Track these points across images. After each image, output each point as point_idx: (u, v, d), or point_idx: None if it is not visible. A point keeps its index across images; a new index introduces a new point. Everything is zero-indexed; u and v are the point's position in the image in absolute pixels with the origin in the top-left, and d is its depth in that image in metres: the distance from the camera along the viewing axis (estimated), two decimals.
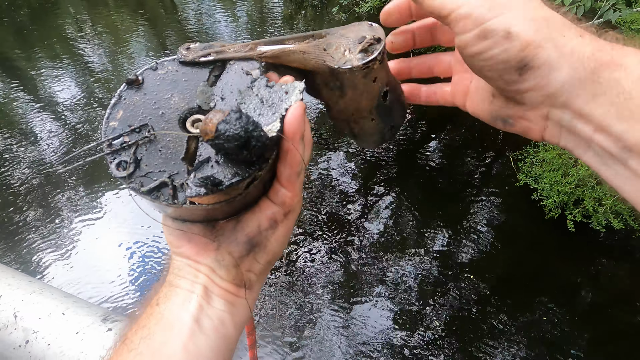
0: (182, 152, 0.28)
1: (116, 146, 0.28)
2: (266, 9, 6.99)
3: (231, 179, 0.26)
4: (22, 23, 6.43)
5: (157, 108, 0.29)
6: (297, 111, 0.27)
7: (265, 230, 0.30)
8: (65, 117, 4.19)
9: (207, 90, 0.30)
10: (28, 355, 0.83)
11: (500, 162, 3.47)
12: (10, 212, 3.06)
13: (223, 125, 0.24)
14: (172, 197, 0.27)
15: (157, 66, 0.31)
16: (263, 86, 0.29)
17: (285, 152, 0.28)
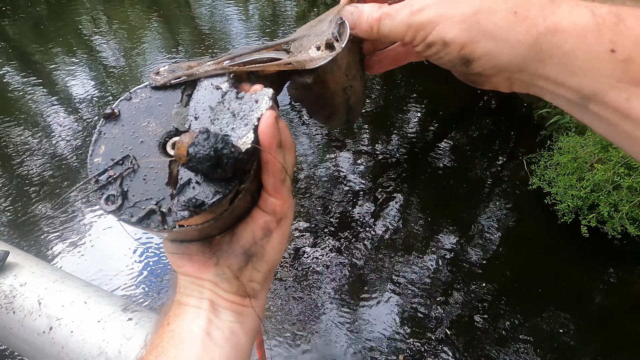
0: (165, 177, 0.28)
1: (102, 181, 0.28)
2: (278, 6, 7.00)
3: (212, 198, 0.26)
4: (39, 18, 6.53)
5: (137, 137, 0.29)
6: (268, 120, 0.27)
7: (260, 239, 0.31)
8: (79, 111, 4.26)
9: (181, 112, 0.30)
10: (52, 341, 0.85)
11: (512, 165, 3.43)
12: (24, 202, 3.12)
13: (192, 148, 0.24)
14: (161, 223, 0.27)
15: (130, 96, 0.31)
16: (233, 99, 0.29)
17: (266, 161, 0.28)
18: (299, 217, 3.00)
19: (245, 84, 0.32)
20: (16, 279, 0.95)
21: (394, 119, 4.05)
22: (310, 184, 3.27)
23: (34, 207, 3.11)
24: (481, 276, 2.61)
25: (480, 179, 3.38)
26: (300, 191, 3.18)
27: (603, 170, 2.36)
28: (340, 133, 3.79)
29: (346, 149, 3.63)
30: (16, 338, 0.87)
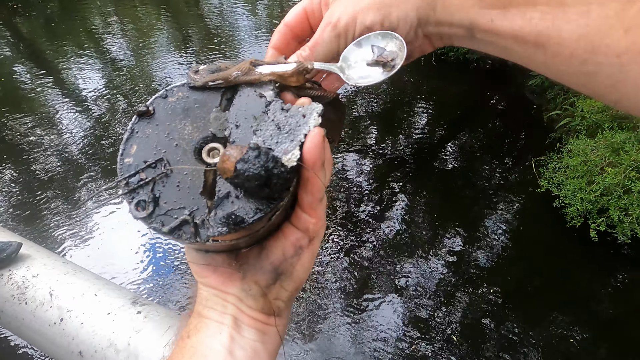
0: (200, 186, 0.26)
1: (133, 184, 0.27)
2: (287, 4, 7.02)
3: (253, 216, 0.25)
4: (50, 16, 6.61)
5: (171, 139, 0.28)
6: (316, 138, 0.26)
7: (290, 257, 0.30)
8: (89, 107, 4.30)
9: (220, 116, 0.28)
10: (62, 332, 0.86)
11: (520, 167, 3.40)
12: (34, 196, 3.16)
13: (241, 164, 0.23)
14: (194, 235, 0.26)
15: (167, 94, 0.30)
16: (278, 110, 0.28)
17: (306, 179, 0.28)
18: None
19: (287, 92, 0.30)
20: (28, 270, 0.97)
21: (401, 119, 4.04)
22: None
23: (44, 201, 3.15)
24: (487, 279, 2.59)
25: (487, 180, 3.35)
26: None
27: (614, 173, 2.33)
28: (346, 133, 3.79)
29: (352, 149, 3.63)
30: (28, 328, 0.89)
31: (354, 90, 4.43)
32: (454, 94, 4.44)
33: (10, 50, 5.49)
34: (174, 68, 4.96)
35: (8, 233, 1.08)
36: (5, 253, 0.96)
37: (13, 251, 0.97)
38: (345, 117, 0.40)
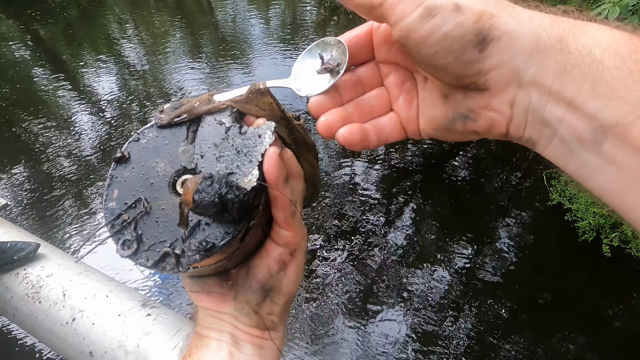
0: (177, 218, 0.28)
1: (118, 226, 0.28)
2: (299, 14, 7.11)
3: (222, 240, 0.26)
4: (69, 22, 6.80)
5: (147, 179, 0.29)
6: (272, 157, 0.27)
7: (275, 273, 0.31)
8: (103, 111, 4.40)
9: (188, 149, 0.30)
10: (74, 332, 0.88)
11: (531, 179, 3.36)
12: (47, 196, 3.22)
13: (197, 195, 0.24)
14: (176, 266, 0.27)
15: (138, 137, 0.31)
16: (237, 134, 0.29)
17: (274, 197, 0.28)
18: (312, 224, 3.00)
19: (250, 117, 0.31)
20: (43, 270, 0.99)
21: None
22: (323, 191, 3.28)
23: (57, 202, 3.21)
24: (496, 293, 2.55)
25: (497, 192, 3.32)
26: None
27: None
28: None
29: (361, 157, 3.63)
30: (40, 327, 0.90)
31: None
32: None
33: (30, 54, 5.66)
34: (187, 73, 5.05)
35: (26, 233, 1.10)
36: (24, 252, 0.99)
37: (31, 251, 1.00)
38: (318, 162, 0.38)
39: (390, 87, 0.32)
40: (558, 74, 0.21)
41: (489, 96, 0.24)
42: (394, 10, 0.24)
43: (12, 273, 0.99)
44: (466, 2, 0.22)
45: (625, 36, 0.21)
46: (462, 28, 0.22)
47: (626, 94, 0.19)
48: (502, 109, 0.24)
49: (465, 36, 0.22)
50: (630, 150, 0.19)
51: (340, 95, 0.32)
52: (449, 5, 0.22)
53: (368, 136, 0.30)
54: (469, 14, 0.22)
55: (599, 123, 0.20)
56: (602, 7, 1.68)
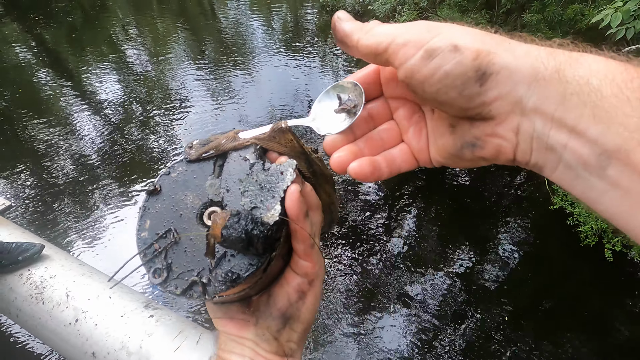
0: (204, 248, 0.29)
1: (150, 255, 0.30)
2: (301, 19, 7.16)
3: (246, 272, 0.28)
4: (73, 26, 6.86)
5: (177, 210, 0.31)
6: (293, 194, 0.29)
7: (295, 302, 0.32)
8: (106, 114, 4.42)
9: (215, 183, 0.32)
10: (77, 333, 0.88)
11: (533, 183, 3.36)
12: (50, 198, 3.23)
13: (225, 230, 0.26)
14: (202, 294, 0.29)
15: (169, 170, 0.33)
16: (260, 170, 0.31)
17: (294, 230, 0.29)
18: None
19: (273, 153, 0.33)
20: (47, 270, 0.99)
21: None
22: None
23: (59, 203, 3.22)
24: (498, 297, 2.54)
25: (499, 196, 3.32)
26: None
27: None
28: None
29: None
30: (44, 328, 0.91)
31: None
32: None
33: (33, 57, 5.71)
34: (189, 76, 5.08)
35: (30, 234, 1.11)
36: (28, 253, 0.99)
37: (36, 252, 1.01)
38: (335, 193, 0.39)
39: (400, 120, 0.33)
40: (559, 101, 0.22)
41: (494, 124, 0.25)
42: (397, 54, 0.26)
43: (15, 274, 0.99)
44: (464, 42, 0.24)
45: (620, 66, 0.22)
46: (461, 66, 0.24)
47: (625, 120, 0.20)
48: (508, 136, 0.25)
49: (466, 73, 0.24)
50: (635, 176, 0.20)
51: (354, 132, 0.34)
52: (448, 47, 0.24)
53: (379, 168, 0.32)
54: (467, 52, 0.24)
55: (602, 148, 0.21)
56: (604, 12, 1.69)
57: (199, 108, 4.40)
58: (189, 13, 7.77)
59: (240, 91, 4.75)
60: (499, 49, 0.24)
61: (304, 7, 7.84)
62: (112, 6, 7.82)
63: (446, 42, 0.24)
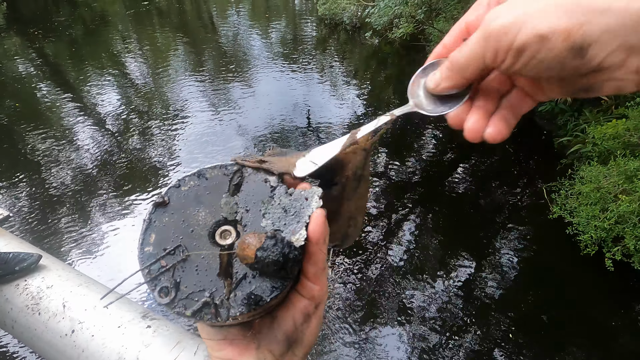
0: (216, 267, 0.28)
1: (155, 272, 0.28)
2: (300, 32, 7.28)
3: (270, 295, 0.27)
4: (73, 39, 6.94)
5: (187, 226, 0.30)
6: (319, 219, 0.29)
7: (300, 325, 0.31)
8: (105, 125, 4.44)
9: (230, 201, 0.31)
10: (73, 344, 0.87)
11: (531, 192, 3.37)
12: (48, 208, 3.22)
13: (261, 252, 0.25)
14: (215, 316, 0.27)
15: (179, 183, 0.31)
16: (283, 194, 0.30)
17: (311, 253, 0.30)
18: None
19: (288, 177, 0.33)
20: (43, 281, 0.98)
21: (410, 143, 4.07)
22: None
23: (57, 214, 3.20)
24: (498, 308, 2.52)
25: (498, 206, 3.32)
26: None
27: (628, 201, 2.29)
28: None
29: None
30: (39, 339, 0.89)
31: (362, 113, 4.51)
32: None
33: (34, 70, 5.76)
34: (189, 87, 5.13)
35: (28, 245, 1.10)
36: (25, 263, 0.98)
37: (33, 262, 1.00)
38: None
39: None
40: None
41: (610, 72, 0.25)
42: (495, 57, 0.26)
43: (12, 284, 0.98)
44: (548, 27, 0.23)
45: None
46: (552, 52, 0.24)
47: None
48: (629, 77, 0.25)
49: (560, 55, 0.24)
50: None
51: None
52: (533, 38, 0.23)
53: (509, 120, 0.32)
54: (554, 37, 0.23)
55: None
56: None
57: (198, 119, 4.42)
58: (189, 26, 7.88)
59: (239, 102, 4.79)
60: (592, 16, 0.22)
61: (303, 20, 7.97)
62: (112, 20, 7.94)
63: (530, 34, 0.23)
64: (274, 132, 4.14)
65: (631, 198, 2.31)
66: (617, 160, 2.55)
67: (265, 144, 3.95)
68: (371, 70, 5.66)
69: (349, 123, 4.34)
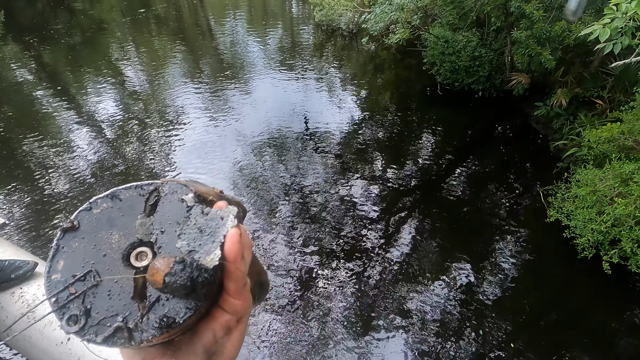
0: (131, 291, 0.28)
1: (62, 300, 0.27)
2: (297, 37, 7.32)
3: (184, 316, 0.27)
4: (70, 46, 6.96)
5: (99, 250, 0.29)
6: (234, 238, 0.29)
7: (220, 338, 0.31)
8: (102, 131, 4.43)
9: (145, 222, 0.30)
10: (69, 352, 0.86)
11: (528, 196, 3.38)
12: (42, 216, 3.20)
13: (169, 277, 0.25)
14: (128, 340, 0.26)
15: (90, 206, 0.30)
16: (199, 214, 0.30)
17: (230, 271, 0.30)
18: (311, 242, 2.98)
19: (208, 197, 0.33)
20: (39, 288, 0.98)
21: (407, 147, 4.08)
22: (323, 210, 3.28)
23: (53, 221, 3.19)
24: (498, 312, 2.52)
25: (495, 209, 3.33)
26: (314, 217, 3.18)
27: (624, 204, 2.31)
28: (353, 160, 3.83)
29: (360, 176, 3.65)
30: (34, 347, 0.88)
31: (360, 118, 4.52)
32: (459, 123, 4.50)
33: (32, 76, 5.76)
34: (186, 93, 5.14)
35: (24, 252, 1.10)
36: (21, 270, 0.98)
37: (29, 270, 0.99)
38: None
39: None
40: None
41: None
42: None
43: (7, 292, 0.97)
44: None
45: None
46: None
47: None
48: None
49: None
50: None
51: None
52: None
53: None
54: None
55: None
56: (592, 27, 1.74)
57: (196, 125, 4.43)
58: (187, 33, 7.91)
59: (236, 108, 4.80)
60: None
61: (299, 26, 8.02)
62: (109, 27, 7.97)
63: None
64: (271, 137, 4.15)
65: (627, 201, 2.32)
66: (613, 164, 2.56)
67: (263, 149, 3.96)
68: (368, 75, 5.69)
69: (347, 127, 4.35)
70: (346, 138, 4.18)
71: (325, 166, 3.75)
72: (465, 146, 4.16)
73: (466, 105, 4.64)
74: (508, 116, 4.52)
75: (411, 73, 5.45)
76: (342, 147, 4.03)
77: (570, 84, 3.87)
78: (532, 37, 3.60)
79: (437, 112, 4.64)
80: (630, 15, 1.59)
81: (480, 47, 4.41)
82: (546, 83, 4.25)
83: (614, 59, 3.28)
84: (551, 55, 3.55)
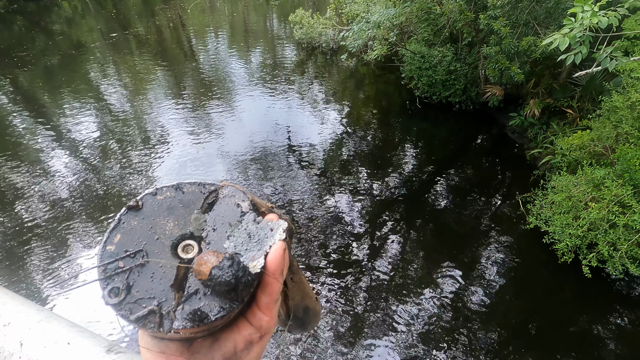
0: (171, 279, 0.29)
1: (110, 271, 0.29)
2: (278, 55, 7.43)
3: (217, 314, 0.27)
4: (49, 67, 6.87)
5: (153, 233, 0.30)
6: (279, 251, 0.30)
7: (240, 351, 0.31)
8: (80, 153, 4.34)
9: (200, 218, 0.32)
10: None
11: (508, 204, 3.45)
12: (17, 241, 3.07)
13: (216, 270, 0.26)
14: (158, 326, 0.27)
15: (156, 192, 0.32)
16: (251, 221, 0.31)
17: (266, 283, 0.30)
18: (299, 260, 2.95)
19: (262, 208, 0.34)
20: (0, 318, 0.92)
21: (390, 160, 4.13)
22: (308, 224, 3.26)
23: (27, 246, 3.06)
24: (484, 319, 2.52)
25: (477, 218, 3.37)
26: (299, 231, 3.16)
27: (597, 208, 2.37)
28: (338, 174, 3.85)
29: (344, 190, 3.66)
30: None
31: (343, 132, 4.57)
32: (439, 134, 4.60)
33: (7, 98, 5.64)
34: (168, 112, 5.10)
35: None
36: None
37: None
38: None
39: None
40: None
41: None
42: None
43: None
44: None
45: None
46: None
47: None
48: None
49: None
50: None
51: None
52: None
53: None
54: None
55: None
56: (553, 36, 1.82)
57: (178, 144, 4.39)
58: (168, 53, 7.94)
59: (219, 126, 4.79)
60: None
61: (280, 44, 8.16)
62: (89, 48, 7.93)
63: None
64: (255, 154, 4.14)
65: (600, 205, 2.39)
66: (585, 169, 2.65)
67: (247, 167, 3.94)
68: (349, 90, 5.80)
69: (330, 142, 4.38)
70: (330, 153, 4.21)
71: (309, 179, 3.75)
72: (445, 157, 4.24)
73: (445, 117, 4.76)
74: (485, 127, 4.65)
75: (390, 87, 5.58)
76: (325, 162, 4.05)
77: (541, 94, 4.03)
78: (501, 52, 3.75)
79: (418, 125, 4.73)
80: (587, 25, 1.68)
81: (455, 61, 4.56)
82: (519, 94, 4.41)
83: (579, 69, 3.44)
84: (520, 69, 3.70)
